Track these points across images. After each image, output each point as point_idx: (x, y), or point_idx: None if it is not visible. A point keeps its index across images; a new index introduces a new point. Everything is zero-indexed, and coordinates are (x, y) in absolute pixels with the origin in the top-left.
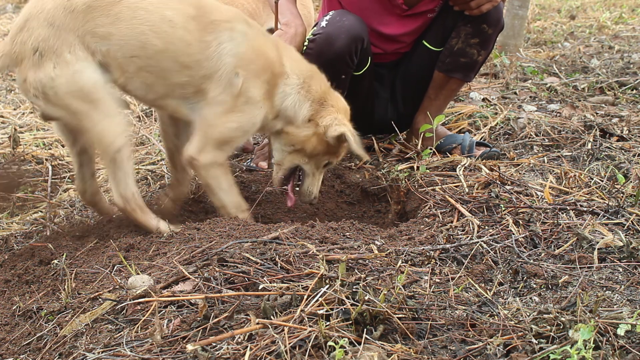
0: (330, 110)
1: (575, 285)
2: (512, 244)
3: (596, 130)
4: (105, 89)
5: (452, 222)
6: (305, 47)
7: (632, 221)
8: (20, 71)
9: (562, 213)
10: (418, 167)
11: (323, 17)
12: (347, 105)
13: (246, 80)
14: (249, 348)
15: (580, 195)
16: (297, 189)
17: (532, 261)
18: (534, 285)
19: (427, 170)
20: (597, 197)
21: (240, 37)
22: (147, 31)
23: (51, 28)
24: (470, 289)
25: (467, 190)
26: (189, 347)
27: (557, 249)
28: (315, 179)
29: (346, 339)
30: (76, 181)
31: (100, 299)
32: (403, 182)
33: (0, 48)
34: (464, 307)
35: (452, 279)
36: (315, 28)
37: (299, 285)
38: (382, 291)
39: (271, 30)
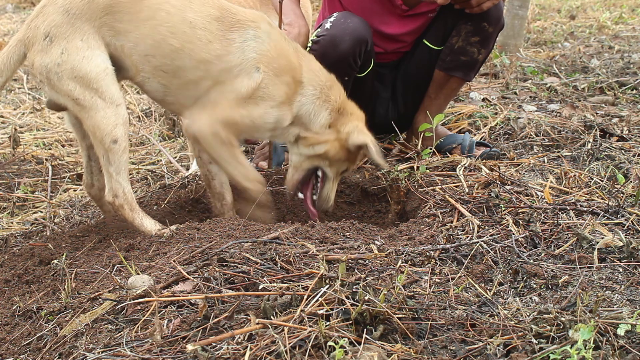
0: (350, 117)
1: (575, 285)
2: (512, 244)
3: (596, 130)
4: (111, 78)
5: (452, 222)
6: (308, 49)
7: (632, 221)
8: (29, 56)
9: (562, 213)
10: (418, 167)
11: (327, 18)
12: (363, 112)
13: (266, 76)
14: (249, 348)
15: (580, 195)
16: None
17: (532, 261)
18: (534, 285)
19: (427, 170)
20: (597, 197)
21: (265, 36)
22: (164, 32)
23: (66, 15)
24: (470, 289)
25: (467, 190)
26: (189, 347)
27: (557, 249)
28: (334, 185)
29: (346, 339)
30: (84, 174)
31: (100, 299)
32: (403, 182)
33: (17, 35)
34: (464, 307)
35: (452, 279)
36: (319, 29)
37: (299, 285)
38: (382, 291)
39: None
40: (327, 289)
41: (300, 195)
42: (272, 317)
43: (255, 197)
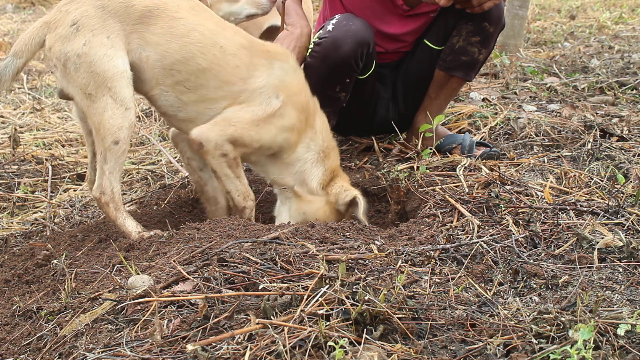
0: (337, 179)
1: (575, 285)
2: (512, 244)
3: (596, 130)
4: (127, 82)
5: (452, 222)
6: (310, 50)
7: (632, 221)
8: (49, 38)
9: (562, 213)
10: (418, 167)
11: (329, 20)
12: (349, 177)
13: (285, 106)
14: (249, 348)
15: (580, 195)
16: None
17: (532, 261)
18: (534, 285)
19: (427, 170)
20: (597, 197)
21: (291, 69)
22: (195, 51)
23: (101, 10)
24: (470, 289)
25: (467, 190)
26: (189, 347)
27: (557, 249)
28: None
29: (346, 339)
30: (88, 171)
31: (100, 299)
32: (403, 182)
33: (44, 17)
34: (464, 307)
35: (452, 279)
36: (321, 31)
37: (299, 285)
38: (382, 291)
39: (277, 30)
40: (327, 289)
41: None
42: (272, 317)
43: (247, 216)
